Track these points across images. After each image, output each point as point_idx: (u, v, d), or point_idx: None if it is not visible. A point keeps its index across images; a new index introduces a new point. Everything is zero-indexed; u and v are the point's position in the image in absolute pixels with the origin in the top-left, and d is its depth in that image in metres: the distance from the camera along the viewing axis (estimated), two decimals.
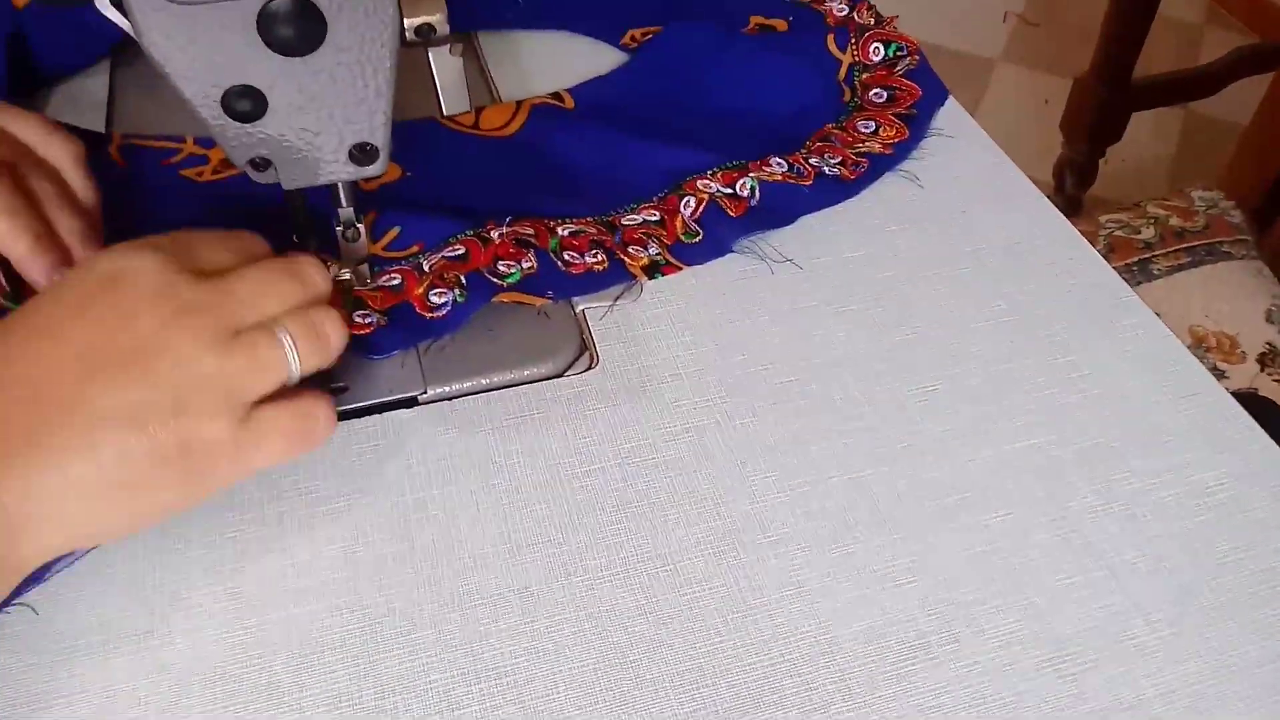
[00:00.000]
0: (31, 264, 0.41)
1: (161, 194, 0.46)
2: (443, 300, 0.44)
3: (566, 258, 0.46)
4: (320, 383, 0.38)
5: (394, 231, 0.47)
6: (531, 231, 0.47)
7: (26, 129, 0.43)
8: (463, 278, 0.45)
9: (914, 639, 0.37)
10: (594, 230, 0.48)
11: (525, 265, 0.45)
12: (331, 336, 0.37)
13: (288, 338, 0.36)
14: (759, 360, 0.45)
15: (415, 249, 0.46)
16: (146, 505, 0.34)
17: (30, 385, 0.33)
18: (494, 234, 0.46)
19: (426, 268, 0.45)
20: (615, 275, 0.47)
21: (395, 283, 0.45)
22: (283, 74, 0.36)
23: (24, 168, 0.41)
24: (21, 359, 0.33)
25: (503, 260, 0.45)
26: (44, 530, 0.32)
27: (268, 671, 0.35)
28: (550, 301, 0.45)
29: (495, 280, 0.45)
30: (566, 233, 0.48)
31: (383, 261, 0.46)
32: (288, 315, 0.36)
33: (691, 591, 0.38)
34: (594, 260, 0.47)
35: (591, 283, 0.46)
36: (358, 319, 0.43)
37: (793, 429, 0.43)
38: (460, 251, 0.46)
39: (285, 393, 0.36)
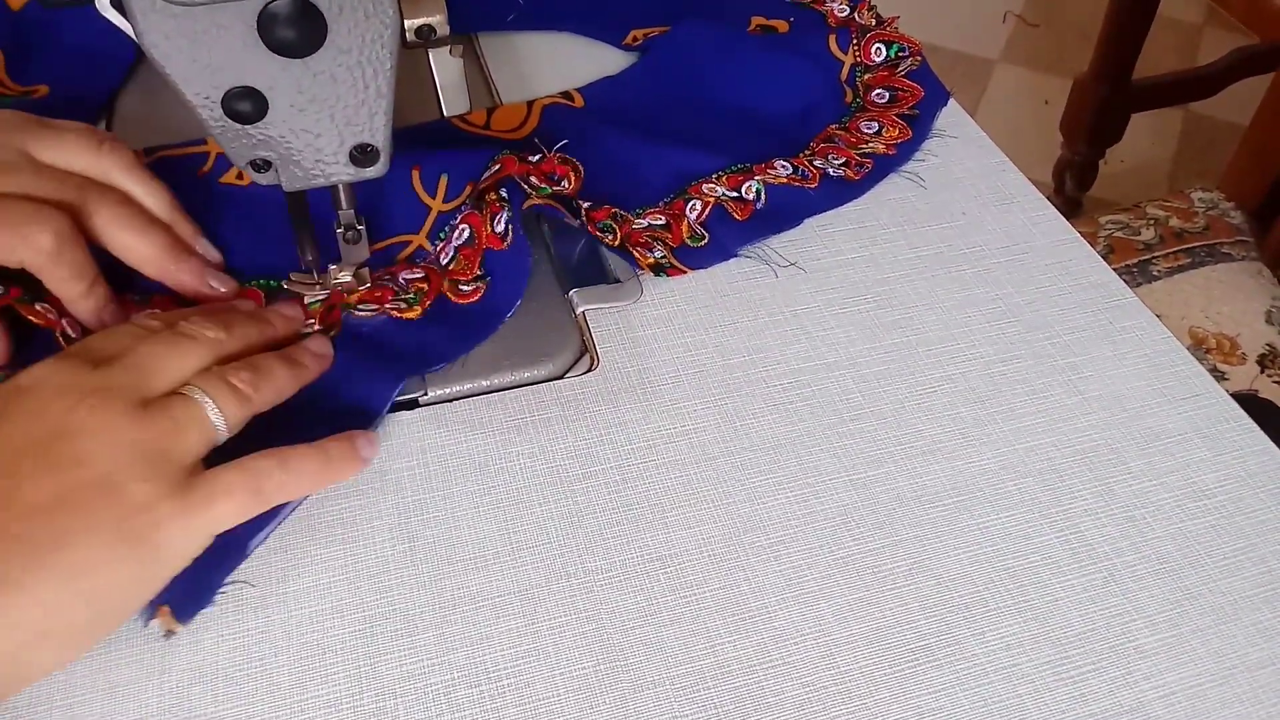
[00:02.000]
0: (82, 306, 0.41)
1: (207, 206, 0.46)
2: (472, 289, 0.45)
3: (584, 219, 0.48)
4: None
5: (444, 179, 0.48)
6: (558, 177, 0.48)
7: (75, 155, 0.42)
8: (503, 191, 0.46)
9: (914, 641, 0.37)
10: (608, 215, 0.49)
11: (555, 189, 0.47)
12: (242, 387, 0.37)
13: (202, 395, 0.36)
14: (759, 362, 0.45)
15: (468, 190, 0.48)
16: (101, 590, 0.33)
17: None
18: (533, 158, 0.48)
19: (444, 261, 0.46)
20: (623, 253, 0.48)
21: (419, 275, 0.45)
22: (283, 75, 0.36)
23: (90, 203, 0.41)
24: None
25: (536, 175, 0.47)
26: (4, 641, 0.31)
27: (268, 673, 0.35)
28: (575, 222, 0.47)
29: (528, 188, 0.46)
30: (587, 205, 0.48)
31: (444, 217, 0.47)
32: (198, 376, 0.36)
33: (692, 593, 0.38)
34: (605, 239, 0.47)
35: (603, 245, 0.48)
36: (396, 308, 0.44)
37: (793, 430, 0.43)
38: (497, 168, 0.47)
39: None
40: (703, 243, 0.49)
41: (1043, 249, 0.51)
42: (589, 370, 0.45)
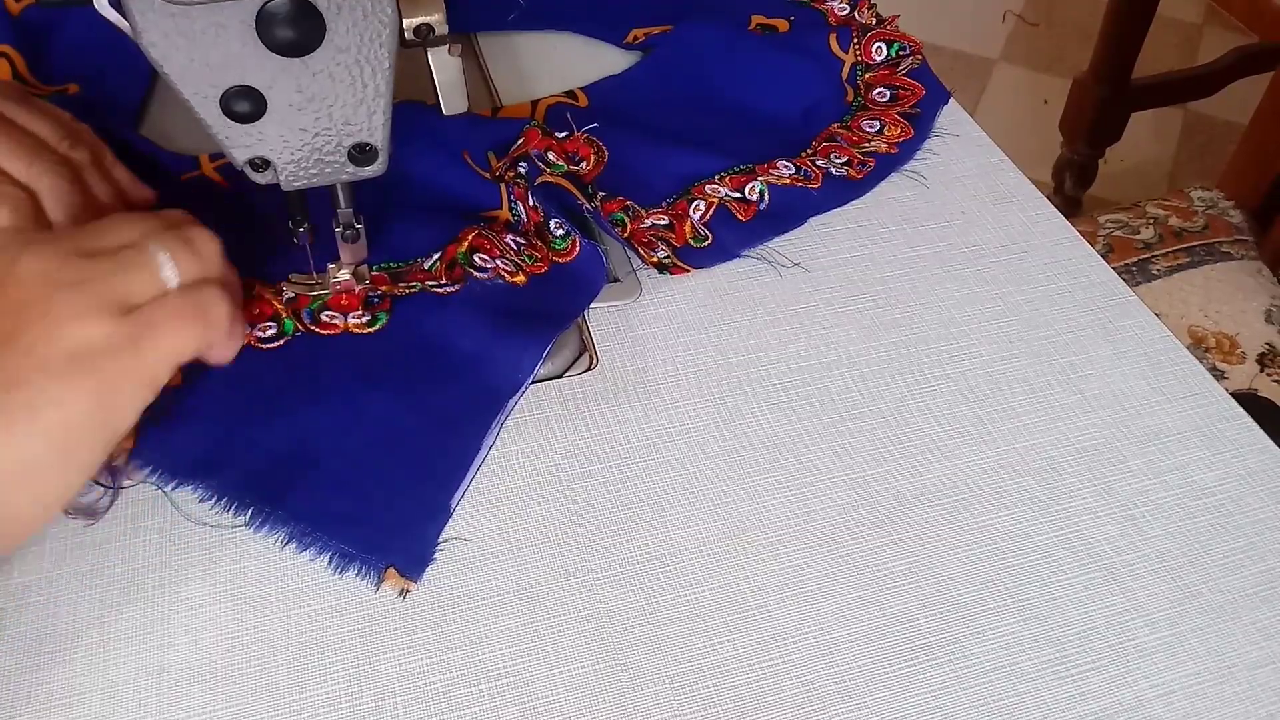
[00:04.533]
0: None
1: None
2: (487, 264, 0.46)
3: (597, 205, 0.48)
4: None
5: (491, 156, 0.50)
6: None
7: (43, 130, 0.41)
8: (521, 168, 0.48)
9: (914, 640, 0.37)
10: (620, 208, 0.49)
11: (570, 168, 0.48)
12: (197, 241, 0.36)
13: (154, 245, 0.35)
14: (758, 361, 0.45)
15: (511, 158, 0.50)
16: (59, 424, 0.32)
17: None
18: (560, 135, 0.49)
19: (427, 266, 0.45)
20: (630, 246, 0.48)
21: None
22: (281, 74, 0.35)
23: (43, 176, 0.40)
24: None
25: (556, 151, 0.48)
26: None
27: (267, 673, 0.35)
28: (589, 209, 0.47)
29: (543, 165, 0.48)
30: (601, 194, 0.49)
31: (508, 188, 0.48)
32: (152, 233, 0.36)
33: (691, 592, 0.38)
34: (615, 227, 0.48)
35: (613, 235, 0.48)
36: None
37: (792, 429, 0.43)
38: (520, 141, 0.50)
39: None
40: (706, 243, 0.49)
41: (1042, 248, 0.51)
42: (588, 369, 0.45)
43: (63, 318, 0.33)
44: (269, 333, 0.43)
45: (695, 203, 0.50)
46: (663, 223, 0.49)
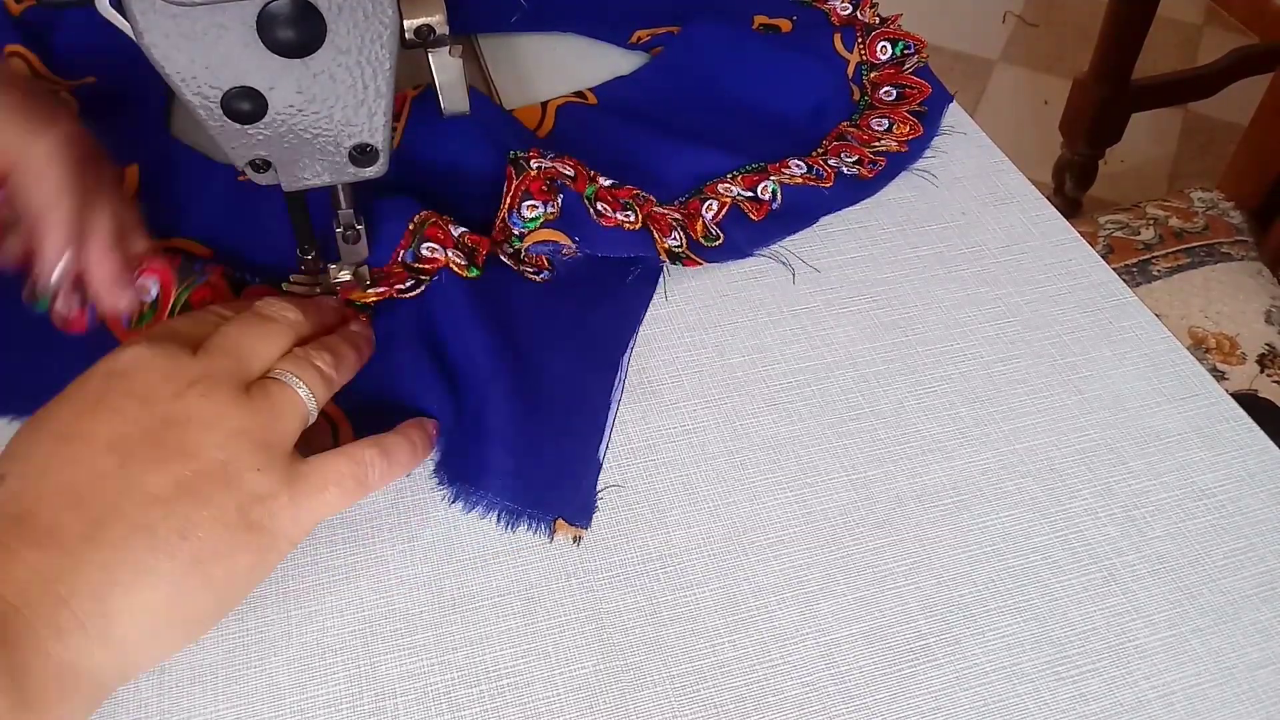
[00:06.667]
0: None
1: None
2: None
3: (600, 208, 0.47)
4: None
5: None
6: (571, 173, 0.47)
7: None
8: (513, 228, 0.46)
9: (914, 641, 0.37)
10: (631, 195, 0.48)
11: (548, 209, 0.46)
12: (324, 369, 0.38)
13: (294, 379, 0.36)
14: (759, 361, 0.45)
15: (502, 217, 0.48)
16: (223, 577, 0.33)
17: (72, 490, 0.32)
18: (534, 164, 0.47)
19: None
20: (642, 243, 0.47)
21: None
22: (282, 75, 0.35)
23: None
24: (56, 467, 0.32)
25: (529, 200, 0.46)
26: (124, 631, 0.31)
27: (268, 673, 0.35)
28: (574, 245, 0.46)
29: (523, 229, 0.46)
30: (607, 183, 0.48)
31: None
32: (284, 359, 0.37)
33: (692, 593, 0.38)
34: (625, 219, 0.47)
35: (619, 240, 0.46)
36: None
37: (792, 430, 0.43)
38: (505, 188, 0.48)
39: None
40: (717, 243, 0.49)
41: (1042, 249, 0.51)
42: None
43: (239, 473, 0.33)
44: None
45: (708, 202, 0.50)
46: (675, 217, 0.49)
